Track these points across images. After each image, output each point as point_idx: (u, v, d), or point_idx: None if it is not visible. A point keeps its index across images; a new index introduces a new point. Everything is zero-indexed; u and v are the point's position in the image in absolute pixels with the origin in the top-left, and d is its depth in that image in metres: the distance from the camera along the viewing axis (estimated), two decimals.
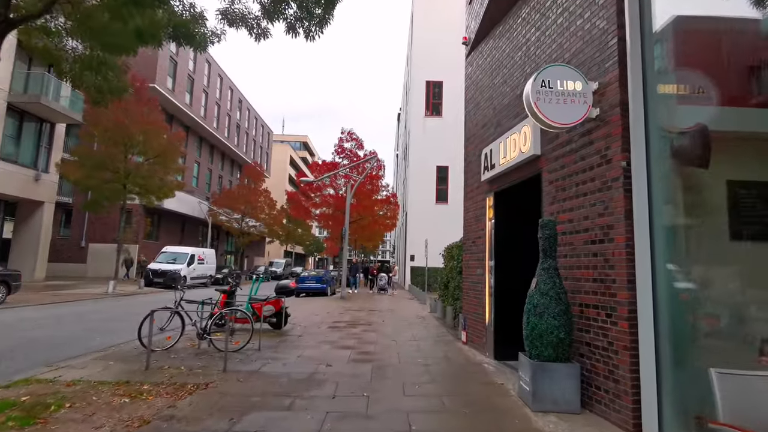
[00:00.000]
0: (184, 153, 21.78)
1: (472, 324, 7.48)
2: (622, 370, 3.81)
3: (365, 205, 27.91)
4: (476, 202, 7.60)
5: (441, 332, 9.61)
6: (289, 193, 30.60)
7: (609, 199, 4.11)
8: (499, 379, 5.57)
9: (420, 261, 27.33)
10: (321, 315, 12.41)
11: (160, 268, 23.48)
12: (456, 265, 10.35)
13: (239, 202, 36.48)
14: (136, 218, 30.48)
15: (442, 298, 12.23)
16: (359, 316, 12.17)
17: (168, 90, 33.09)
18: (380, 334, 9.07)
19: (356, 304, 16.27)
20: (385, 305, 16.13)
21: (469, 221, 7.99)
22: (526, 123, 5.67)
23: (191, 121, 37.93)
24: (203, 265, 26.93)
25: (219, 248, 44.47)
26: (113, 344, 7.51)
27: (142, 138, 19.34)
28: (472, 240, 7.69)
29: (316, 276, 20.87)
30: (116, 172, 19.67)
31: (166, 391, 4.76)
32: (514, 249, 6.79)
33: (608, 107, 4.20)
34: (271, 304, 9.29)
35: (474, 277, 7.50)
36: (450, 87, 30.59)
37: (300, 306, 14.97)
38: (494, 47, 7.30)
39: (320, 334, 9.02)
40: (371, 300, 18.46)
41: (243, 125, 51.33)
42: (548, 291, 4.30)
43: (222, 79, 44.60)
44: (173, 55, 34.30)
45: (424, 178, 29.62)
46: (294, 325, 10.13)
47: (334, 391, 4.90)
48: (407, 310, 14.63)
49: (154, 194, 21.63)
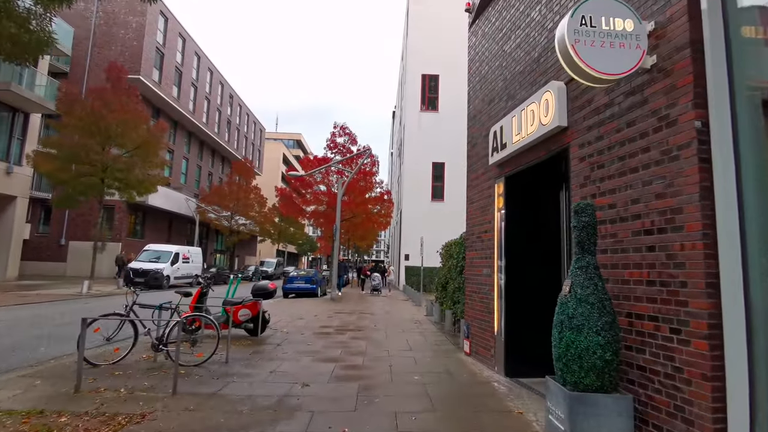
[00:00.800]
0: (166, 145, 20.54)
1: (477, 333, 6.41)
2: (697, 407, 2.75)
3: (358, 203, 26.80)
4: (482, 190, 6.54)
5: (439, 340, 8.53)
6: (279, 189, 29.41)
7: (674, 173, 3.05)
8: (516, 405, 4.49)
9: (415, 260, 26.27)
10: (307, 318, 11.30)
11: (141, 267, 22.24)
12: (456, 265, 9.28)
13: (228, 200, 35.24)
14: (119, 215, 29.20)
15: (439, 301, 11.17)
16: (349, 321, 11.07)
17: (154, 82, 31.81)
18: (371, 342, 7.98)
19: (347, 306, 15.17)
20: (378, 307, 15.04)
21: (473, 213, 6.91)
22: (548, 89, 4.60)
23: (179, 116, 36.63)
24: (188, 264, 25.70)
25: (208, 247, 43.18)
26: (55, 356, 6.37)
27: (120, 129, 18.10)
28: (477, 235, 6.62)
29: (305, 276, 19.73)
30: (92, 164, 18.45)
31: (87, 426, 3.64)
32: (529, 244, 5.73)
33: (671, 51, 3.13)
34: (247, 308, 8.18)
35: (479, 278, 6.43)
36: (447, 81, 29.56)
37: (286, 308, 13.85)
38: (505, 7, 6.22)
39: (302, 342, 7.91)
40: (363, 301, 17.37)
41: (234, 121, 50.03)
42: (588, 297, 3.23)
43: (212, 74, 43.31)
44: (160, 46, 33.01)
45: (420, 175, 28.55)
46: (275, 331, 9.03)
47: (307, 426, 3.80)
48: (402, 312, 13.55)
49: (135, 189, 20.42)
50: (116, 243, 28.80)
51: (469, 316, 6.81)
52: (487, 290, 6.07)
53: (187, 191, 36.35)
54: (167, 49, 33.96)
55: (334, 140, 27.54)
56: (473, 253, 6.74)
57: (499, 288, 5.73)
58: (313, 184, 27.94)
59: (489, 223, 6.16)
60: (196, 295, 8.24)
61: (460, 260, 9.10)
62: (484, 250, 6.30)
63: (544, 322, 4.13)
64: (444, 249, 11.12)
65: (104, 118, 18.08)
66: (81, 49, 30.08)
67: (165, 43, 33.73)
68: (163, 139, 20.22)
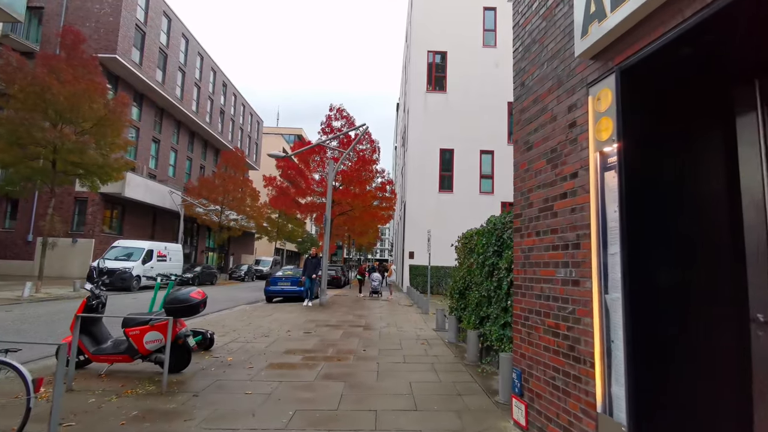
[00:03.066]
0: (129, 122, 17.58)
1: (546, 393, 3.35)
2: None
3: (356, 194, 23.77)
4: (552, 119, 3.46)
5: (461, 381, 5.44)
6: (267, 178, 26.35)
7: None
8: None
9: (420, 258, 23.17)
10: (275, 335, 8.28)
11: (106, 266, 19.30)
12: (483, 263, 6.22)
13: (216, 192, 32.28)
14: (92, 208, 26.34)
15: (456, 313, 8.11)
16: (330, 339, 8.03)
17: (134, 63, 28.93)
18: (351, 388, 4.94)
19: (336, 314, 12.14)
20: (375, 317, 12.00)
21: (529, 168, 3.82)
22: None
23: (165, 102, 33.79)
24: (165, 262, 22.80)
25: (199, 245, 40.29)
26: None
27: (69, 102, 15.15)
28: (543, 206, 3.54)
29: (292, 276, 16.65)
30: (39, 144, 15.56)
31: None
32: (672, 223, 2.68)
33: None
34: (156, 330, 5.18)
35: (548, 287, 3.37)
36: (456, 59, 26.44)
37: (257, 317, 10.83)
38: None
39: (240, 387, 4.87)
40: (358, 307, 14.33)
41: (228, 112, 47.11)
42: None
43: (203, 59, 40.39)
44: (140, 24, 30.11)
45: (426, 163, 25.43)
46: (215, 360, 6.04)
47: None
48: (404, 325, 10.50)
49: (96, 176, 17.53)
50: (89, 239, 25.97)
51: (523, 356, 3.74)
52: (572, 312, 3.01)
53: (176, 185, 33.44)
54: (149, 27, 31.05)
55: (330, 123, 24.54)
56: (532, 240, 3.66)
57: (604, 309, 2.67)
58: (307, 173, 24.96)
59: (573, 178, 3.09)
60: (81, 307, 5.30)
61: (489, 257, 6.04)
62: (560, 233, 3.23)
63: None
64: (461, 241, 8.07)
65: (50, 90, 15.17)
66: (52, 26, 27.25)
67: (146, 21, 30.83)
68: (125, 116, 17.22)
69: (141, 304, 13.86)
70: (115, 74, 28.68)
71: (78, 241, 25.89)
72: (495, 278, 5.73)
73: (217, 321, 10.21)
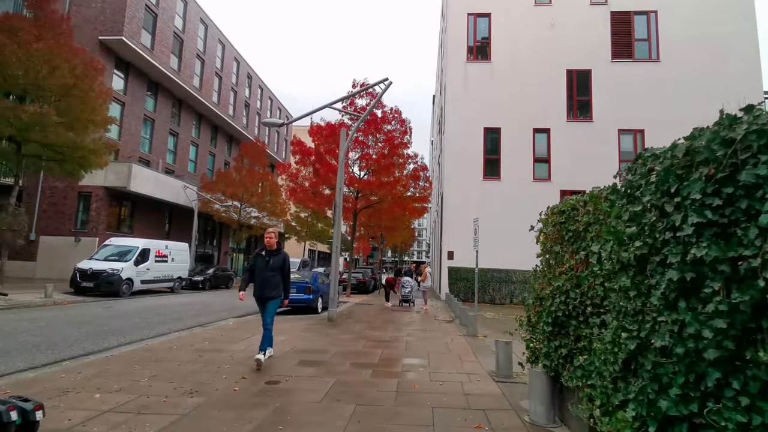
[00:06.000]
0: (107, 93, 14.59)
1: None
2: None
3: (383, 182, 19.96)
4: None
5: None
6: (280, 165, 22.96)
7: None
8: None
9: (462, 259, 19.09)
10: (201, 396, 4.57)
11: (91, 268, 16.48)
12: (640, 249, 2.19)
13: (234, 187, 29.40)
14: (96, 204, 23.99)
15: (547, 360, 4.09)
16: (298, 408, 4.26)
17: (144, 47, 26.51)
18: None
19: (341, 338, 8.36)
20: (400, 342, 8.14)
21: None
22: None
23: (182, 92, 31.37)
24: (165, 263, 19.83)
25: (222, 245, 37.78)
26: None
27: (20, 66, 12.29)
28: None
29: (299, 282, 13.03)
30: None
31: None
32: None
33: None
34: None
35: None
36: (501, 21, 22.16)
37: (217, 345, 7.13)
38: None
39: None
40: (379, 325, 10.50)
41: (254, 105, 44.63)
42: None
43: (224, 47, 37.92)
44: (152, 5, 27.73)
45: (467, 146, 21.27)
46: None
47: None
48: (443, 363, 6.57)
49: (75, 161, 14.73)
50: (92, 238, 23.62)
51: None
52: None
53: (194, 181, 30.89)
54: (162, 9, 28.65)
55: (352, 101, 20.88)
56: None
57: None
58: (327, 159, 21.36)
59: None
60: None
61: (642, 233, 2.02)
62: None
63: None
64: (552, 218, 4.08)
65: (9, 56, 12.38)
66: (57, 7, 25.28)
67: (158, 2, 28.44)
68: (100, 85, 14.23)
69: (101, 321, 10.61)
70: (125, 60, 26.41)
71: (81, 240, 23.59)
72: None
73: (155, 349, 6.66)
